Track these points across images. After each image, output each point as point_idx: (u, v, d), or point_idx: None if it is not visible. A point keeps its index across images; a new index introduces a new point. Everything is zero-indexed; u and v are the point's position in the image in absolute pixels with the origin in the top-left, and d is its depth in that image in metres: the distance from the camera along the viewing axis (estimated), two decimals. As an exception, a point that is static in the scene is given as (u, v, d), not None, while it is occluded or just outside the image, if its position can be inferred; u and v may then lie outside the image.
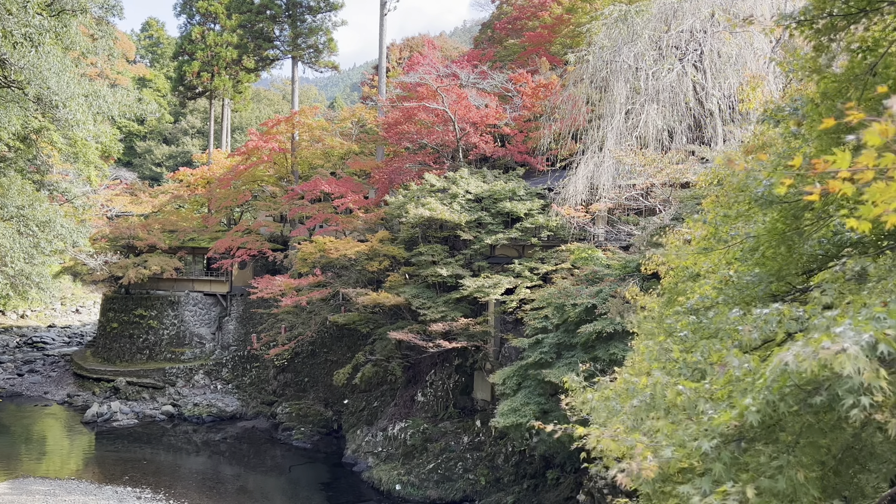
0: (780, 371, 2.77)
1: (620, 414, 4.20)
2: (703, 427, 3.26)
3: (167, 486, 23.05)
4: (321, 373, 32.96)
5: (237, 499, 22.68)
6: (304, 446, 29.02)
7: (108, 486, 22.31)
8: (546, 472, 19.98)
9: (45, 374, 37.83)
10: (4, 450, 26.67)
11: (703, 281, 5.54)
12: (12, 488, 21.29)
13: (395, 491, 23.11)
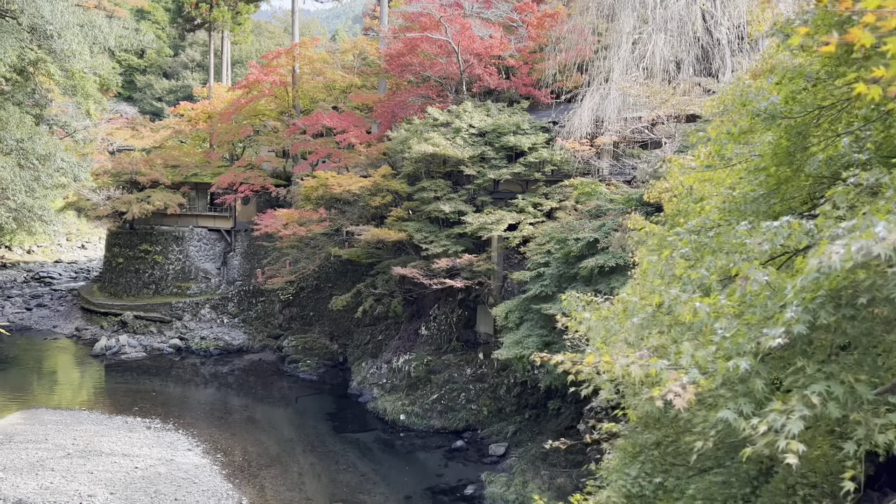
0: (813, 279, 2.73)
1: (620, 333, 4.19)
2: (724, 346, 3.24)
3: (176, 416, 23.54)
4: (326, 307, 33.24)
5: (245, 428, 23.18)
6: (310, 378, 29.50)
7: (118, 417, 22.80)
8: (547, 402, 20.31)
9: (53, 308, 38.25)
10: (16, 381, 27.18)
11: (706, 203, 5.48)
12: (25, 418, 21.77)
13: (399, 421, 23.57)
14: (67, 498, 15.49)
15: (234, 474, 18.79)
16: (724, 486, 5.79)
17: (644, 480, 6.54)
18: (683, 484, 6.32)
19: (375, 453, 21.56)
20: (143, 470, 17.70)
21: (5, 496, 15.23)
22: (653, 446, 6.98)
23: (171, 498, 16.44)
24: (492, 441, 21.40)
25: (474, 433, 22.46)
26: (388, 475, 19.70)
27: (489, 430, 22.07)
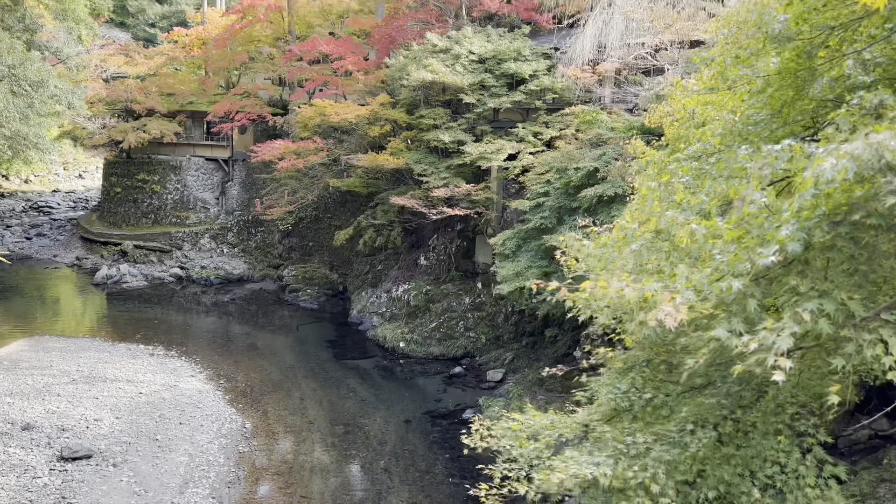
0: (811, 197, 2.71)
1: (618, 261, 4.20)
2: (720, 268, 3.24)
3: (179, 343, 23.87)
4: (325, 237, 33.31)
5: (247, 355, 23.54)
6: (310, 307, 29.80)
7: (121, 344, 23.11)
8: (545, 330, 20.57)
9: (52, 237, 38.30)
10: (19, 309, 27.45)
11: (707, 128, 5.40)
12: (29, 345, 22.07)
13: (399, 348, 23.93)
14: (74, 422, 15.84)
15: (236, 399, 19.18)
16: (715, 406, 5.90)
17: (634, 395, 6.62)
18: (673, 402, 6.42)
19: (376, 379, 21.95)
20: (148, 395, 18.05)
21: (13, 420, 15.58)
22: (644, 363, 7.08)
23: (176, 422, 16.82)
24: (489, 367, 21.77)
25: (472, 360, 22.83)
26: (388, 400, 20.12)
27: (487, 357, 22.43)
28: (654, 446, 5.77)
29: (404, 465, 16.24)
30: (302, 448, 16.76)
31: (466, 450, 7.89)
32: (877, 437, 12.03)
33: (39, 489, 13.09)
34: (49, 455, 14.31)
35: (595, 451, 6.12)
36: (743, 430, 5.73)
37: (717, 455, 5.68)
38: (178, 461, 15.09)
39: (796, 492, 5.38)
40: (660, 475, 5.55)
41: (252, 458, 15.97)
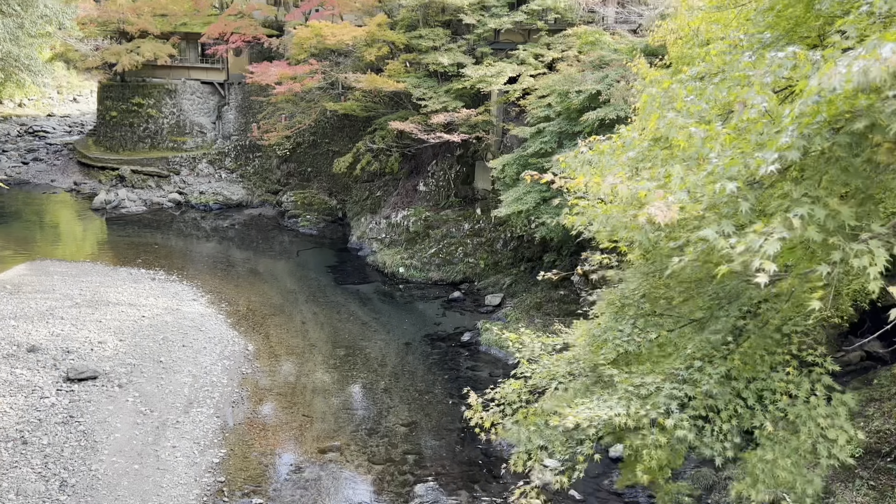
0: (813, 103, 2.65)
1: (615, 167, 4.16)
2: (716, 171, 3.20)
3: (179, 268, 24.01)
4: (324, 163, 33.07)
5: (248, 280, 23.72)
6: (310, 233, 29.85)
7: (122, 269, 23.25)
8: (543, 255, 20.68)
9: (49, 162, 38.02)
10: (19, 234, 27.51)
11: (711, 47, 5.28)
12: (31, 270, 22.20)
13: (398, 273, 24.10)
14: (78, 344, 16.09)
15: (238, 323, 19.44)
16: (720, 341, 5.92)
17: (638, 336, 6.63)
18: (677, 338, 6.45)
19: (375, 303, 22.20)
20: (150, 318, 18.28)
21: (19, 342, 15.82)
22: (642, 299, 7.09)
23: (179, 344, 17.08)
24: (488, 292, 21.99)
25: (471, 285, 23.03)
26: (388, 323, 20.39)
27: (485, 282, 22.62)
28: (663, 385, 5.82)
29: (404, 385, 16.59)
30: (304, 369, 17.09)
31: (483, 435, 7.83)
32: (869, 358, 12.26)
33: (47, 408, 13.40)
34: (55, 376, 14.60)
35: (605, 396, 6.17)
36: (750, 363, 5.78)
37: (728, 390, 5.73)
38: (183, 382, 15.40)
39: (809, 423, 5.45)
40: (673, 409, 5.61)
41: (255, 379, 16.30)
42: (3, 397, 13.49)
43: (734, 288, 6.14)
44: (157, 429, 13.51)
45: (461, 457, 13.53)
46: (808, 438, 5.42)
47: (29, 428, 12.67)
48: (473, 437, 13.87)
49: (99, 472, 11.82)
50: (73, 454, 12.15)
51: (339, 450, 13.64)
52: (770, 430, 5.48)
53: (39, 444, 12.28)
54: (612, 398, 5.95)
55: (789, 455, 5.46)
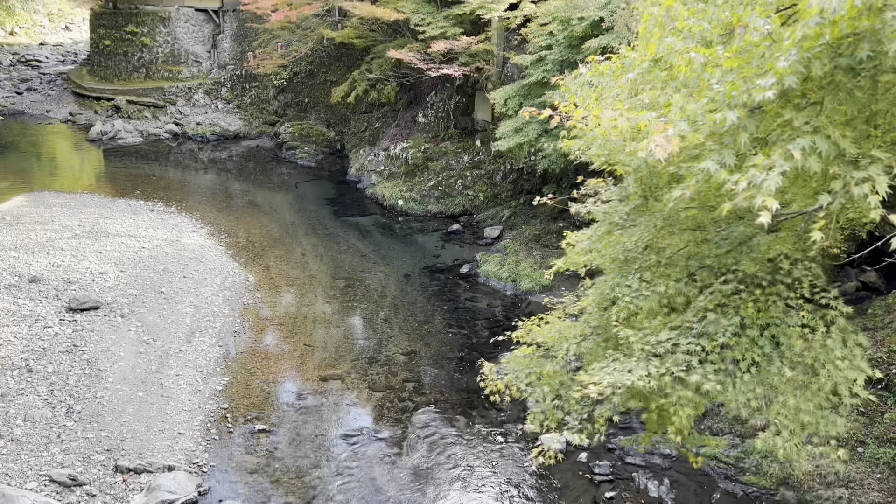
0: (815, 26, 2.58)
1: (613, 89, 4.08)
2: (716, 98, 3.13)
3: (178, 200, 23.96)
4: (321, 94, 32.59)
5: (247, 212, 23.70)
6: (308, 165, 29.67)
7: (120, 200, 23.20)
8: (542, 187, 20.58)
9: (44, 92, 37.48)
10: (16, 165, 27.34)
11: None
12: (29, 201, 22.16)
13: (397, 206, 24.06)
14: (79, 275, 16.18)
15: (238, 254, 19.51)
16: (732, 290, 5.86)
17: (647, 290, 6.54)
18: (687, 288, 6.37)
19: (375, 236, 22.24)
20: (150, 250, 18.33)
21: (20, 273, 15.90)
22: (645, 251, 7.02)
23: (180, 276, 17.19)
24: (487, 225, 22.00)
25: (470, 217, 23.02)
26: (387, 256, 20.47)
27: (485, 215, 22.61)
28: (679, 341, 5.80)
29: (403, 315, 16.77)
30: (304, 300, 17.24)
31: (492, 395, 7.81)
32: (864, 288, 12.37)
33: (51, 338, 13.58)
34: (57, 306, 14.73)
35: (622, 358, 6.14)
36: (764, 309, 5.74)
37: (745, 339, 5.71)
38: (184, 312, 15.56)
39: (828, 365, 5.48)
40: (694, 364, 5.61)
41: (256, 310, 16.47)
42: (6, 327, 13.65)
43: (741, 233, 6.10)
44: (161, 357, 13.72)
45: (459, 385, 13.78)
46: (827, 381, 5.44)
47: (34, 356, 12.87)
48: (472, 367, 14.12)
49: (104, 399, 12.06)
50: (78, 382, 12.37)
51: (339, 378, 13.88)
52: (789, 375, 5.49)
53: (45, 372, 12.49)
54: (629, 360, 5.91)
55: (811, 399, 5.48)
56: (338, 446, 11.80)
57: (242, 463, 11.21)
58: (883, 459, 10.16)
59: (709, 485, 10.86)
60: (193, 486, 10.34)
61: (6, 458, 10.36)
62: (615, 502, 10.57)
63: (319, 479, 10.94)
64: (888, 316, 11.44)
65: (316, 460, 11.39)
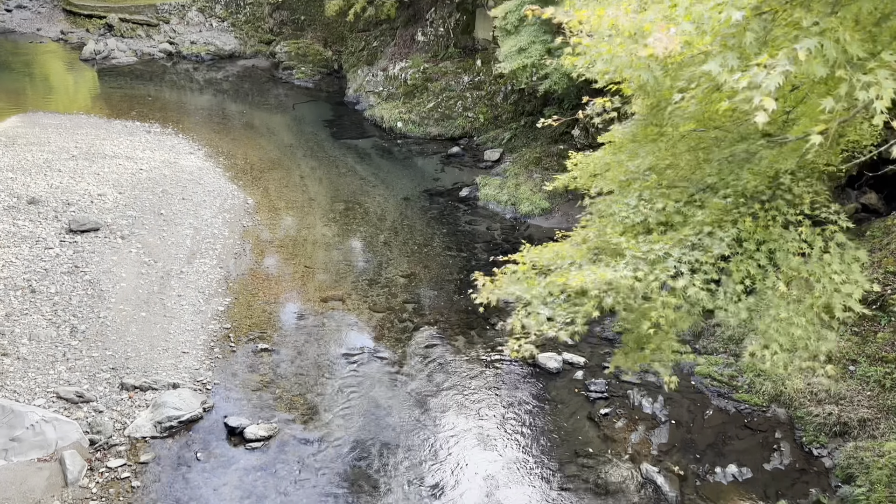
0: None
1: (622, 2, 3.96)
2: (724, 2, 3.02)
3: (174, 121, 23.66)
4: (317, 11, 31.75)
5: (244, 134, 23.44)
6: (305, 85, 29.19)
7: (116, 121, 22.90)
8: (544, 109, 20.30)
9: (34, 10, 36.49)
10: (9, 85, 26.88)
11: None
12: (24, 122, 21.87)
13: (396, 128, 23.79)
14: (78, 197, 16.12)
15: (237, 177, 19.40)
16: (732, 205, 5.80)
17: (645, 208, 6.50)
18: (685, 208, 6.33)
19: (374, 159, 22.07)
20: (148, 172, 18.22)
21: (18, 194, 15.84)
22: (647, 171, 6.95)
23: (178, 197, 17.13)
24: (487, 147, 21.81)
25: (470, 140, 22.80)
26: (386, 179, 20.37)
27: (485, 137, 22.38)
28: (672, 251, 5.78)
29: (403, 238, 16.81)
30: (304, 223, 17.25)
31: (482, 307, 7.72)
32: (864, 210, 12.36)
33: (52, 259, 13.64)
34: (57, 228, 14.74)
35: (612, 262, 6.10)
36: (762, 225, 5.70)
37: (740, 251, 5.68)
38: (184, 234, 15.58)
39: (823, 279, 5.48)
40: (683, 271, 5.59)
41: (256, 232, 16.49)
42: (7, 248, 13.69)
43: (744, 151, 6.03)
44: (162, 279, 13.82)
45: (458, 306, 13.94)
46: (822, 295, 5.46)
47: (36, 277, 12.95)
48: (470, 288, 14.25)
49: (107, 319, 12.21)
50: (81, 302, 12.50)
51: (340, 299, 14.02)
52: (783, 289, 5.50)
53: (47, 292, 12.60)
54: (618, 264, 5.90)
55: (804, 313, 5.51)
56: (339, 365, 12.02)
57: (246, 381, 11.44)
58: (874, 377, 10.37)
59: (702, 402, 11.13)
60: (198, 403, 10.59)
61: (14, 375, 10.56)
62: (610, 418, 10.85)
63: (321, 396, 11.19)
64: (886, 237, 11.48)
65: (318, 378, 11.62)
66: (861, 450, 9.45)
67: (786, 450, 10.13)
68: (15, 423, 9.37)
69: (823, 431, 10.09)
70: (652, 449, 10.27)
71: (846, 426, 9.95)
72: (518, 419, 10.89)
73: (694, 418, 10.84)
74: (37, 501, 8.72)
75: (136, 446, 9.80)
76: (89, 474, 9.26)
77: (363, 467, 9.78)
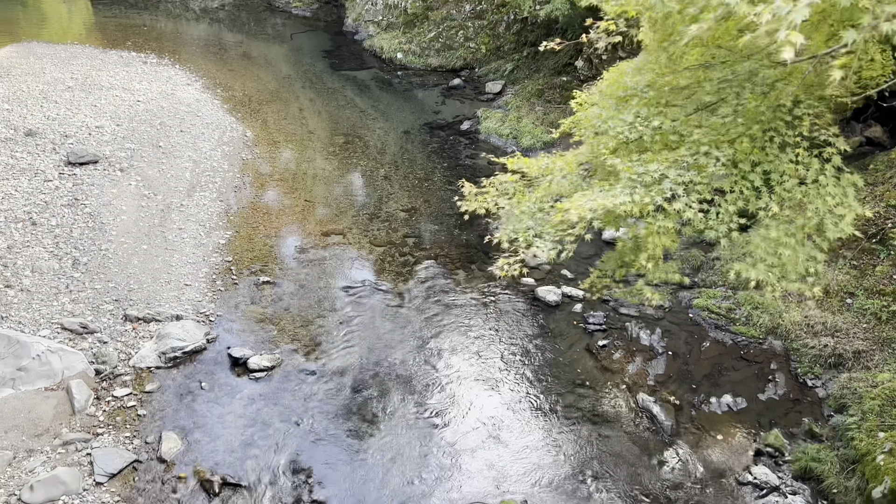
0: None
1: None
2: None
3: (171, 51, 23.24)
4: (315, -63, 30.81)
5: (242, 65, 23.06)
6: (303, 15, 28.56)
7: (112, 52, 22.50)
8: (546, 39, 19.92)
9: (21, -65, 35.40)
10: (2, 14, 26.30)
11: None
12: (18, 52, 21.48)
13: (396, 59, 23.37)
14: (76, 129, 15.96)
15: (235, 109, 19.17)
16: (730, 125, 5.72)
17: (641, 125, 6.40)
18: (683, 127, 6.25)
19: (373, 91, 21.76)
20: (146, 103, 17.99)
21: (15, 126, 15.69)
22: (646, 88, 6.83)
23: (177, 130, 16.96)
24: (489, 79, 21.47)
25: (472, 71, 22.43)
26: (386, 111, 20.12)
27: (486, 69, 22.01)
28: (668, 172, 5.70)
29: (403, 173, 16.72)
30: (303, 156, 17.13)
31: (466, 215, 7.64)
32: (868, 143, 12.25)
33: (52, 191, 13.60)
34: (56, 160, 14.64)
35: (606, 186, 6.02)
36: (759, 146, 5.63)
37: (735, 171, 5.62)
38: (183, 167, 15.49)
39: (817, 201, 5.44)
40: (679, 193, 5.54)
41: (255, 165, 16.39)
42: (6, 180, 13.64)
43: (746, 70, 5.91)
44: (163, 212, 13.81)
45: (459, 240, 13.96)
46: (814, 216, 5.44)
47: (36, 210, 12.94)
48: (471, 223, 14.24)
49: (109, 251, 12.25)
50: (83, 235, 12.51)
51: (341, 233, 14.04)
52: (776, 210, 5.47)
53: (48, 224, 12.61)
54: (614, 188, 5.85)
55: (794, 233, 5.50)
56: (341, 298, 12.12)
57: (248, 313, 11.56)
58: (871, 310, 10.47)
59: (699, 334, 11.26)
60: (202, 335, 10.72)
61: (18, 307, 10.66)
62: (607, 350, 11.00)
63: (323, 327, 11.32)
64: (889, 171, 11.41)
65: (320, 310, 11.74)
66: (855, 380, 9.61)
67: (780, 381, 10.30)
68: (21, 353, 9.51)
69: (818, 363, 10.24)
70: (648, 379, 10.44)
71: (841, 358, 10.09)
72: (517, 351, 11.04)
73: (691, 350, 10.99)
74: (46, 428, 8.92)
75: (141, 376, 9.97)
76: (96, 403, 9.44)
77: (365, 397, 9.97)
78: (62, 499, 8.10)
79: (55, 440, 8.81)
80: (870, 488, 8.00)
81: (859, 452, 8.50)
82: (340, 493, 8.49)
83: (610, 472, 8.94)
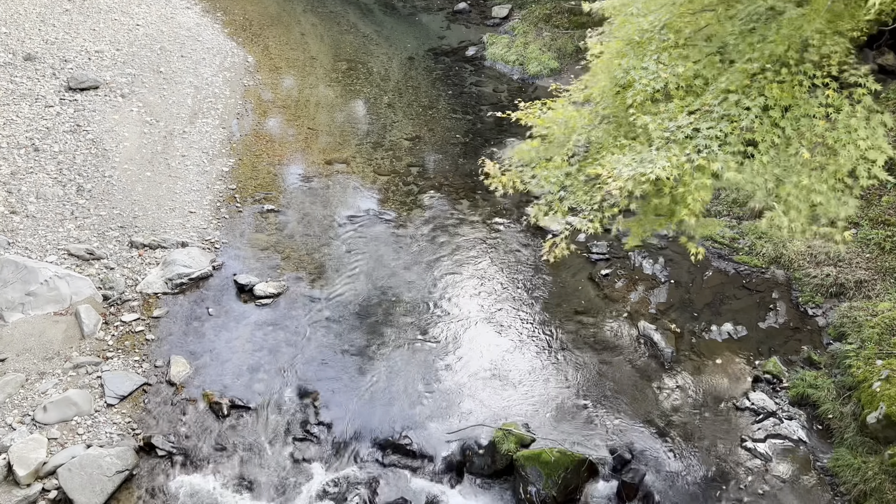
0: None
1: None
2: None
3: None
4: None
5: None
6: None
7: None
8: (555, -38, 19.33)
9: None
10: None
11: None
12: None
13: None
14: (75, 53, 15.70)
15: (236, 33, 18.79)
16: (757, 70, 5.55)
17: (664, 72, 6.19)
18: (706, 70, 6.02)
19: (377, 15, 21.26)
20: (145, 28, 17.62)
21: (13, 50, 15.43)
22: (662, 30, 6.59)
23: (177, 55, 16.67)
24: (495, 3, 20.91)
25: (478, -4, 21.85)
26: (390, 37, 19.71)
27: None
28: (699, 125, 5.58)
29: (407, 100, 16.49)
30: (306, 83, 16.88)
31: (497, 192, 7.40)
32: (881, 71, 12.01)
33: (53, 117, 13.47)
34: (56, 85, 14.45)
35: (638, 147, 5.85)
36: (788, 89, 5.48)
37: (767, 120, 5.50)
38: (185, 93, 15.29)
39: (849, 146, 5.36)
40: (715, 150, 5.43)
41: (257, 92, 16.18)
42: (6, 105, 13.50)
43: (769, 9, 5.73)
44: (165, 138, 13.71)
45: (463, 169, 13.87)
46: (846, 162, 5.37)
47: (38, 136, 12.85)
48: (476, 152, 14.15)
49: (113, 178, 12.23)
50: (86, 161, 12.47)
51: (345, 161, 13.96)
52: (807, 156, 5.40)
53: (51, 151, 12.55)
54: (647, 150, 5.70)
55: (826, 180, 5.43)
56: (345, 226, 12.15)
57: (253, 240, 11.61)
58: (874, 240, 10.47)
59: (702, 264, 11.29)
60: (207, 261, 10.81)
61: (24, 233, 10.72)
62: (610, 279, 11.07)
63: (328, 255, 11.39)
64: (902, 100, 11.23)
65: (324, 238, 11.78)
66: (855, 309, 9.68)
67: (781, 309, 10.39)
68: (29, 278, 9.62)
69: (820, 292, 10.30)
70: (650, 308, 10.55)
71: (842, 287, 10.14)
72: (520, 279, 11.11)
73: (693, 279, 11.06)
74: (56, 352, 9.10)
75: (149, 302, 10.10)
76: (104, 328, 9.60)
77: (369, 323, 10.11)
78: (75, 419, 8.33)
79: (66, 363, 9.00)
80: (864, 414, 8.17)
81: (856, 379, 8.64)
82: (346, 416, 8.70)
83: (610, 397, 9.13)
